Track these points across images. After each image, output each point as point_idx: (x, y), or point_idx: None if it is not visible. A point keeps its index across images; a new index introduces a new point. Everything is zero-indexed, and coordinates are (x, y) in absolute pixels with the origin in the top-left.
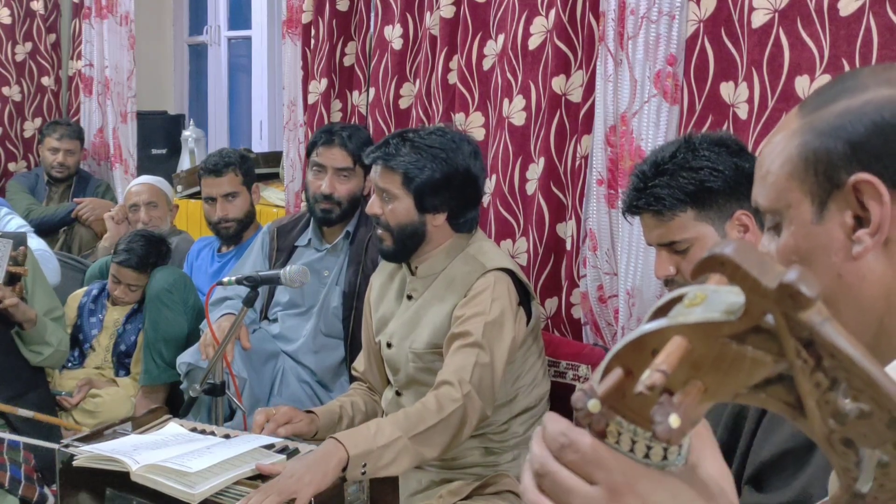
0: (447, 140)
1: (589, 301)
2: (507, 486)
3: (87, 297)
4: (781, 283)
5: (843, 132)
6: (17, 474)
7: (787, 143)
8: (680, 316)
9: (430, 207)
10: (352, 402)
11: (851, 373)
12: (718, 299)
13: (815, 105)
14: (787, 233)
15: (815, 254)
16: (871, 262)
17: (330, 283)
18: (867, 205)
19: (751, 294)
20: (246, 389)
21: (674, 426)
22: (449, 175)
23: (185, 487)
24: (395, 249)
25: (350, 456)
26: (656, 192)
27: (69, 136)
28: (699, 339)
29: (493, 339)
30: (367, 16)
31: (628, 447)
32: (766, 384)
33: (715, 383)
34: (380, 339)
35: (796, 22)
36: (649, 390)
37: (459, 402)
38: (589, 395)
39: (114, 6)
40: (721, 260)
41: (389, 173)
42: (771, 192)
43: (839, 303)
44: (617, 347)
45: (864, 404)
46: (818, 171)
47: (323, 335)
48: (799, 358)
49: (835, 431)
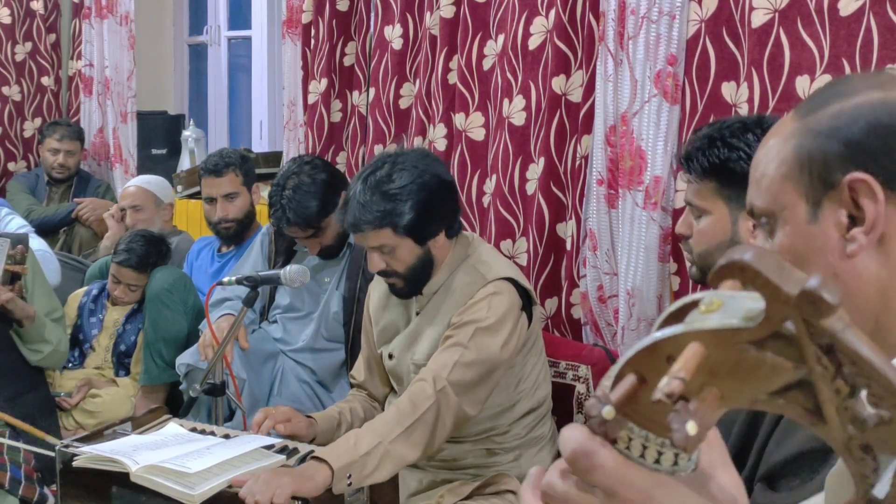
0: (410, 168)
1: (589, 301)
2: (508, 486)
3: (87, 297)
4: (803, 289)
5: (839, 133)
6: (18, 475)
7: (783, 145)
8: (696, 322)
9: (428, 236)
10: (350, 408)
11: (872, 379)
12: (736, 305)
13: (808, 108)
14: (782, 234)
15: (811, 254)
16: (865, 261)
17: (330, 288)
18: (861, 203)
19: (771, 300)
20: (245, 390)
21: (691, 433)
22: (430, 198)
23: (185, 488)
24: (409, 288)
25: (334, 469)
26: (694, 152)
27: (69, 136)
28: (717, 346)
29: (482, 342)
30: (367, 16)
31: (639, 453)
32: (785, 390)
33: (732, 390)
34: (381, 350)
35: (796, 22)
36: (668, 398)
37: (433, 399)
38: (603, 402)
39: (114, 6)
40: (741, 266)
41: (377, 231)
42: (766, 195)
43: None
44: (629, 353)
45: (885, 411)
46: (813, 172)
47: (324, 339)
48: (819, 364)
49: (854, 438)
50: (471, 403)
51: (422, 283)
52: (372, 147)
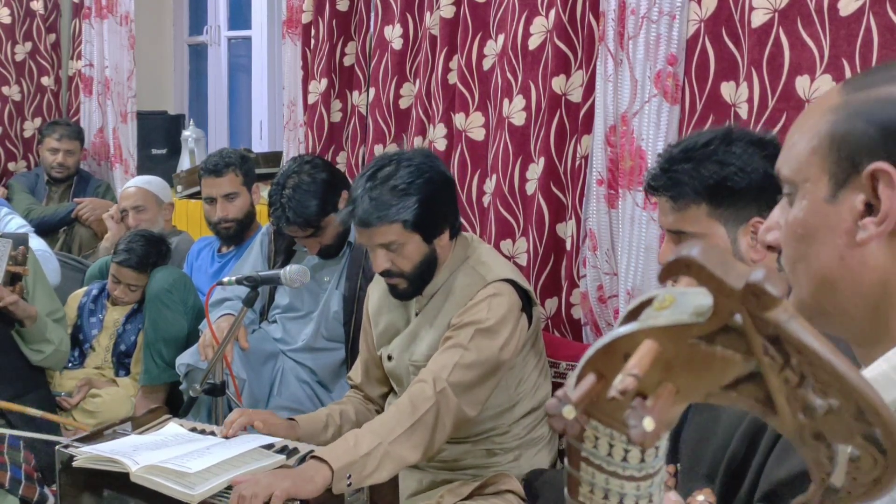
0: (415, 165)
1: (589, 301)
2: (507, 486)
3: (87, 298)
4: (747, 282)
5: (877, 118)
6: (18, 474)
7: (820, 118)
8: (650, 319)
9: (435, 233)
10: (341, 410)
11: (818, 367)
12: (687, 301)
13: (857, 86)
14: (799, 206)
15: (821, 232)
16: (874, 250)
17: (330, 287)
18: (880, 193)
19: (717, 294)
20: (245, 390)
21: (648, 429)
22: (436, 194)
23: (185, 488)
24: (412, 289)
25: (334, 469)
26: (677, 176)
27: (69, 136)
28: (669, 342)
29: (482, 343)
30: (367, 16)
31: (606, 451)
32: (737, 383)
33: (687, 384)
34: (381, 352)
35: (796, 22)
36: (622, 395)
37: (432, 400)
38: (563, 401)
39: (114, 6)
40: (687, 262)
41: (387, 227)
42: (793, 163)
43: (837, 284)
44: (589, 353)
45: (833, 398)
46: (842, 152)
47: (324, 339)
48: (767, 355)
49: (805, 426)
50: (470, 405)
51: (424, 283)
52: (372, 147)
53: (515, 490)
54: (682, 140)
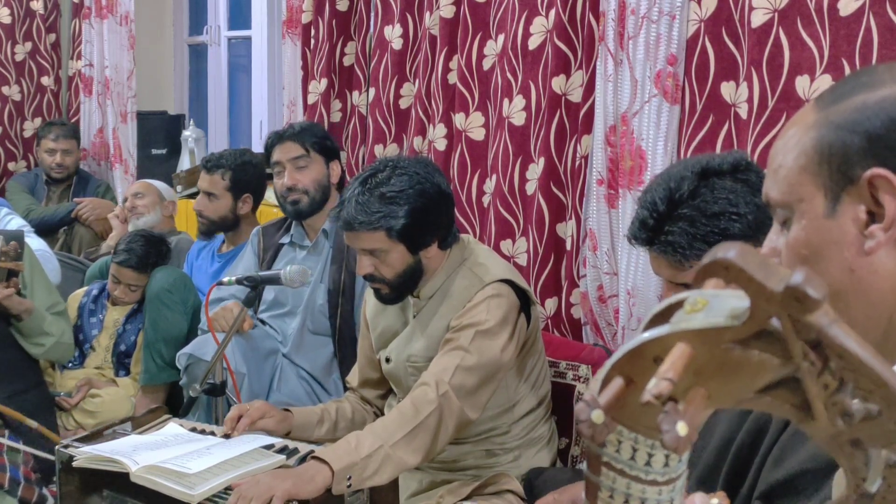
0: (410, 174)
1: (589, 301)
2: (507, 486)
3: (87, 298)
4: (788, 285)
5: (860, 126)
6: (17, 475)
7: (802, 136)
8: (682, 322)
9: (421, 245)
10: (338, 407)
11: (860, 373)
12: (721, 304)
13: (831, 99)
14: (798, 227)
15: (827, 248)
16: (883, 258)
17: (315, 281)
18: (881, 200)
19: (756, 298)
20: (245, 385)
21: (682, 434)
22: (427, 206)
23: (185, 489)
24: (394, 295)
25: (334, 470)
26: (673, 238)
27: (64, 135)
28: (703, 345)
29: (482, 345)
30: (367, 16)
31: (629, 455)
32: (771, 388)
33: (718, 389)
34: (380, 355)
35: (796, 22)
36: (657, 399)
37: (435, 404)
38: (591, 406)
39: (114, 6)
40: (725, 264)
41: (371, 233)
42: (783, 186)
43: (850, 297)
44: (616, 356)
45: (873, 404)
46: (833, 165)
47: (310, 333)
48: (806, 360)
49: (843, 432)
50: (472, 407)
51: (408, 291)
52: (372, 147)
53: (515, 490)
54: (655, 184)
